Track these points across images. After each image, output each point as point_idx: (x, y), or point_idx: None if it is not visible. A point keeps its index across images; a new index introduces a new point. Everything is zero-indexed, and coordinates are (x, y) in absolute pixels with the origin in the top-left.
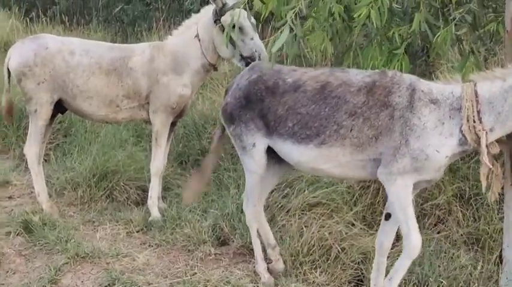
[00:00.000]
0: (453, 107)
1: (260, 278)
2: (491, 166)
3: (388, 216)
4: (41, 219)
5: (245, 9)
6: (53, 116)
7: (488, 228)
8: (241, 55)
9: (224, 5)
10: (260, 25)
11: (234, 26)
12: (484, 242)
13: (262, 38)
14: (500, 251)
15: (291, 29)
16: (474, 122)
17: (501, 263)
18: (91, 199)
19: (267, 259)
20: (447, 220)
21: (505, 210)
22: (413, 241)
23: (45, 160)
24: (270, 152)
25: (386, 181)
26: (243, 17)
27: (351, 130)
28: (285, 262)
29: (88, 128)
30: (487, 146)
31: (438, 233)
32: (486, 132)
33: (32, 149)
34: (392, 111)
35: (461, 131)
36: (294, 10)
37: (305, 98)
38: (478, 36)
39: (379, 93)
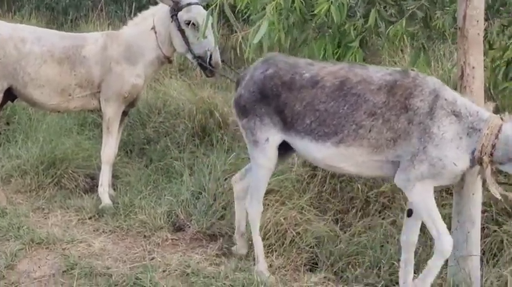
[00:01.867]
0: (473, 127)
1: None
2: (500, 197)
3: (410, 212)
4: None
5: (222, 3)
6: (2, 104)
7: None
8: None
9: (177, 2)
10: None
11: (189, 23)
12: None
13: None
14: None
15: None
16: (485, 154)
17: None
18: (39, 187)
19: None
20: (391, 207)
21: (454, 197)
22: (445, 244)
23: None
24: None
25: (405, 187)
26: (198, 14)
27: (369, 131)
28: None
29: (32, 116)
30: (495, 176)
31: (383, 219)
32: (491, 164)
33: None
34: (413, 115)
35: (473, 152)
36: (272, 3)
37: (323, 95)
38: (429, 32)
39: (399, 94)
